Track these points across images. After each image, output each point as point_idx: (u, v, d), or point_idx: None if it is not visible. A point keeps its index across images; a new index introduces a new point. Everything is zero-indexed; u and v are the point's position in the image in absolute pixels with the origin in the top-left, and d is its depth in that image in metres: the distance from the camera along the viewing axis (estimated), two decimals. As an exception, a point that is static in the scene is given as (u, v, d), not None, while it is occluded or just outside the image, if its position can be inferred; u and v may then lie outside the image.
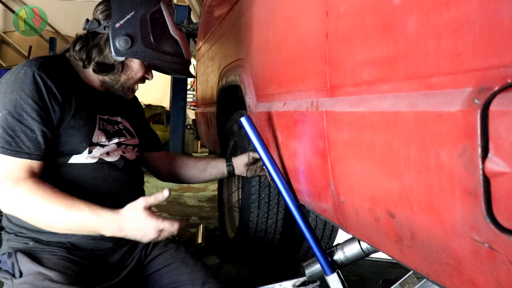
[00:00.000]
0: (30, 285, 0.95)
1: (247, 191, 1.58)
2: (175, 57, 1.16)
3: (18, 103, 0.98)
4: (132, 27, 1.09)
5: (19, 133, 0.98)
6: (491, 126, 0.43)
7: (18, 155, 0.97)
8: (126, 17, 1.09)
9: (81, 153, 1.08)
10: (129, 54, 1.10)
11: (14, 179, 0.97)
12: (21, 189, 0.96)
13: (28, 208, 0.97)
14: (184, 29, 4.80)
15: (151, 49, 1.11)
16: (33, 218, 0.98)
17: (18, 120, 0.98)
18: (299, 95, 1.00)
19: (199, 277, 1.13)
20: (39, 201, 0.95)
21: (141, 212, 0.97)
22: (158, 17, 1.13)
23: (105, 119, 1.17)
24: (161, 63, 1.14)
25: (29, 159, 0.98)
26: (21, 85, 1.00)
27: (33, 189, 0.96)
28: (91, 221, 0.96)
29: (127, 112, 1.29)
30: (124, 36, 1.08)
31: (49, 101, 1.02)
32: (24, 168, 0.98)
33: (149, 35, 1.10)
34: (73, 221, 0.96)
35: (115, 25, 1.09)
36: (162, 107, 7.74)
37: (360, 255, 1.06)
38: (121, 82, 1.17)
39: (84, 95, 1.13)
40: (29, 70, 1.02)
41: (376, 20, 0.66)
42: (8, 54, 8.44)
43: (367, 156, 0.69)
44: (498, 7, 0.43)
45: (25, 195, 0.96)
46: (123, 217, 0.97)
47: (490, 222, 0.44)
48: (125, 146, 1.21)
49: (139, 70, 1.17)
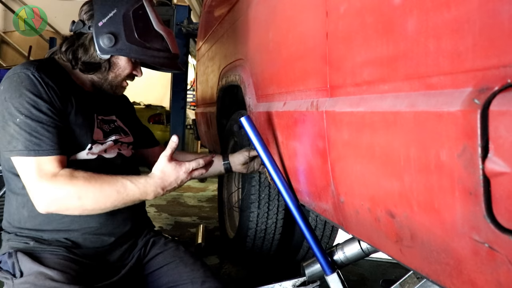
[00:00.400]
0: (31, 285, 0.95)
1: (247, 191, 1.58)
2: (162, 52, 1.16)
3: (31, 105, 1.00)
4: (115, 25, 1.10)
5: (45, 132, 1.00)
6: (491, 126, 0.43)
7: (50, 153, 1.00)
8: (108, 15, 1.10)
9: (82, 150, 1.09)
10: (113, 51, 1.11)
11: (50, 175, 0.99)
12: (61, 181, 0.99)
13: (74, 196, 0.99)
14: (184, 29, 4.81)
15: (135, 45, 1.11)
16: (80, 204, 1.00)
17: (39, 121, 1.00)
18: (299, 95, 1.00)
19: (198, 276, 1.13)
20: (82, 186, 0.99)
21: (169, 165, 1.05)
22: (141, 13, 1.14)
23: (101, 119, 1.19)
24: (147, 58, 1.14)
25: (59, 154, 1.02)
26: (27, 87, 1.01)
27: (72, 178, 0.99)
28: (135, 190, 1.02)
29: (120, 111, 1.30)
30: (108, 34, 1.09)
31: (54, 100, 1.04)
32: (56, 163, 1.01)
33: (133, 31, 1.11)
34: (119, 195, 1.01)
35: (98, 23, 1.10)
36: (162, 107, 7.73)
37: (360, 255, 1.06)
38: (109, 80, 1.18)
39: (79, 95, 1.14)
40: (29, 72, 1.03)
41: (376, 20, 0.66)
42: (8, 54, 8.44)
43: (367, 156, 0.69)
44: (498, 7, 0.43)
45: (67, 185, 0.99)
46: (159, 177, 1.04)
47: (490, 222, 0.44)
48: (121, 143, 1.23)
49: (126, 67, 1.18)
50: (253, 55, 1.41)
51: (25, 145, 0.98)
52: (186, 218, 2.96)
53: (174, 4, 5.25)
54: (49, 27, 8.43)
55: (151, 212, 3.00)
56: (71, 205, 0.99)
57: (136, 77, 1.23)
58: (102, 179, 1.01)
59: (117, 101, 1.33)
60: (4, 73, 2.92)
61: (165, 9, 5.12)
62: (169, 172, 1.04)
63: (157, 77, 9.03)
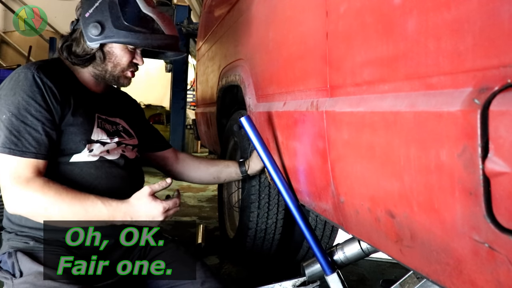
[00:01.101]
0: (31, 285, 0.95)
1: (247, 191, 1.58)
2: (154, 34, 1.14)
3: (22, 105, 1.01)
4: (101, 13, 1.11)
5: (25, 133, 1.01)
6: (491, 126, 0.43)
7: (24, 155, 1.00)
8: (94, 5, 1.11)
9: (81, 152, 1.09)
10: (101, 39, 1.11)
11: (23, 180, 0.99)
12: (32, 189, 0.99)
13: (41, 206, 0.99)
14: (184, 29, 4.81)
15: (123, 30, 1.10)
16: (46, 215, 1.00)
17: (23, 122, 1.01)
18: (299, 95, 1.00)
19: (198, 276, 1.13)
20: (52, 198, 0.99)
21: (147, 198, 1.05)
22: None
23: (103, 119, 1.19)
24: (138, 41, 1.12)
25: (35, 158, 1.01)
26: (22, 87, 1.03)
27: (44, 187, 1.00)
28: (104, 212, 1.02)
29: (126, 114, 1.31)
30: (94, 23, 1.10)
31: (50, 100, 1.04)
32: (31, 168, 1.01)
33: (119, 17, 1.10)
34: (87, 213, 1.01)
35: (85, 15, 1.11)
36: (162, 107, 7.74)
37: (360, 255, 1.06)
38: (109, 71, 1.17)
39: (82, 95, 1.14)
40: (29, 72, 1.04)
41: (376, 20, 0.66)
42: (8, 54, 8.44)
43: (367, 156, 0.69)
44: (498, 7, 0.43)
45: (37, 194, 0.99)
46: (131, 205, 1.05)
47: (490, 222, 0.44)
48: (125, 145, 1.22)
49: (123, 55, 1.16)
50: (253, 55, 1.41)
51: (2, 142, 0.99)
52: (186, 218, 2.96)
53: (174, 4, 5.25)
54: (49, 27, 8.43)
55: (151, 212, 2.99)
56: (36, 214, 1.01)
57: (138, 65, 1.22)
58: (74, 195, 1.01)
59: (125, 103, 1.34)
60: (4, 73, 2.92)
61: (165, 9, 5.12)
62: (144, 206, 1.05)
63: (157, 77, 9.04)
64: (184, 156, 1.52)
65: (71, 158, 1.08)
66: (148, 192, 1.06)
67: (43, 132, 1.02)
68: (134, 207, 1.05)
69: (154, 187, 1.06)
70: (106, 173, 1.12)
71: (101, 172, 1.12)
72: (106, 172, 1.13)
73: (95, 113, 1.16)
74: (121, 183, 1.16)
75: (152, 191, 1.06)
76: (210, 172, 1.48)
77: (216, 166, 1.50)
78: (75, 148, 1.08)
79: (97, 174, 1.11)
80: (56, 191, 1.00)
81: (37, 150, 1.01)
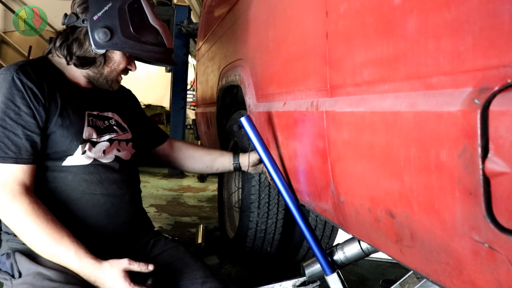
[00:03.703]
0: (29, 285, 0.95)
1: (247, 191, 1.58)
2: (157, 47, 1.14)
3: (0, 109, 0.99)
4: (110, 19, 1.08)
5: (3, 138, 0.98)
6: (491, 126, 0.43)
7: (3, 160, 0.98)
8: (103, 8, 1.08)
9: (73, 154, 1.07)
10: (109, 46, 1.09)
11: (10, 192, 0.98)
12: (17, 207, 0.97)
13: (20, 227, 0.98)
14: (184, 29, 4.81)
15: (131, 40, 1.09)
16: (20, 236, 1.00)
17: (1, 125, 0.98)
18: (299, 95, 1.00)
19: (198, 276, 1.13)
20: (30, 225, 0.97)
21: (120, 272, 0.97)
22: (136, 7, 1.12)
23: (94, 115, 1.16)
24: (142, 53, 1.13)
25: (15, 163, 0.99)
26: (1, 90, 1.00)
27: (28, 210, 0.97)
28: (71, 263, 0.98)
29: (119, 107, 1.28)
30: (103, 29, 1.07)
31: (31, 102, 1.01)
32: (15, 179, 0.99)
33: (128, 26, 1.09)
34: (55, 256, 0.98)
35: (93, 17, 1.07)
36: (162, 107, 7.73)
37: (360, 255, 1.06)
38: (105, 75, 1.16)
39: (70, 93, 1.12)
40: (8, 73, 1.01)
41: (376, 20, 0.66)
42: (8, 54, 8.43)
43: (367, 156, 0.69)
44: (498, 7, 0.43)
45: (19, 215, 0.97)
46: (101, 270, 0.98)
47: (490, 222, 0.44)
48: (118, 142, 1.20)
49: (121, 62, 1.16)
50: (253, 55, 1.41)
51: None
52: (186, 218, 2.96)
53: (174, 4, 5.24)
54: (49, 27, 8.43)
55: (151, 212, 3.00)
56: (15, 231, 1.00)
57: (130, 71, 1.22)
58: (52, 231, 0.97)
59: (118, 96, 1.30)
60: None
61: (165, 9, 5.11)
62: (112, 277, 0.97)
63: (157, 77, 9.03)
64: (179, 144, 1.50)
65: (64, 161, 1.07)
66: (124, 266, 0.98)
67: (23, 136, 0.99)
68: (102, 273, 0.97)
69: (133, 266, 0.98)
70: (100, 179, 1.11)
71: (95, 178, 1.10)
72: (100, 178, 1.11)
73: (85, 111, 1.13)
74: (117, 188, 1.14)
75: (128, 268, 0.98)
76: (204, 160, 1.48)
77: (211, 155, 1.49)
78: (67, 150, 1.06)
79: (91, 179, 1.09)
80: (37, 219, 0.97)
81: (16, 155, 0.98)
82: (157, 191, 3.92)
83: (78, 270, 0.98)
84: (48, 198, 1.04)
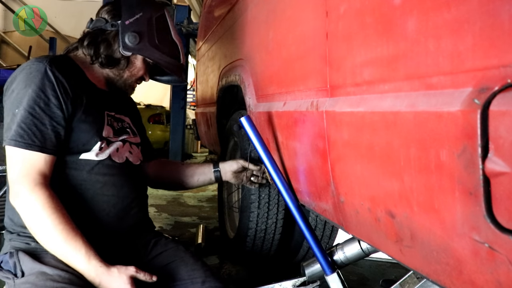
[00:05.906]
0: (32, 285, 0.95)
1: (247, 191, 1.58)
2: (173, 59, 1.25)
3: (31, 97, 1.01)
4: (140, 26, 1.19)
5: (31, 126, 1.01)
6: (491, 126, 0.43)
7: (29, 147, 1.00)
8: (135, 16, 1.19)
9: (90, 150, 1.10)
10: (136, 50, 1.18)
11: (32, 181, 0.99)
12: (35, 198, 0.98)
13: (34, 220, 0.99)
14: (184, 29, 4.81)
15: (155, 48, 1.20)
16: (32, 229, 1.00)
17: (30, 114, 1.01)
18: (299, 95, 1.00)
19: (198, 275, 1.13)
20: (45, 219, 0.98)
21: (127, 279, 0.98)
22: (162, 21, 1.24)
23: (112, 116, 1.21)
24: (162, 62, 1.22)
25: (40, 151, 1.01)
26: (34, 79, 1.03)
27: (45, 204, 0.98)
28: (80, 263, 0.98)
29: (130, 112, 1.33)
30: (133, 33, 1.17)
31: (61, 95, 1.05)
32: (38, 168, 1.01)
33: (154, 35, 1.20)
34: (64, 254, 0.99)
35: (125, 22, 1.18)
36: (162, 107, 7.73)
37: (360, 255, 1.06)
38: (124, 78, 1.24)
39: (92, 92, 1.16)
40: (41, 65, 1.05)
41: (376, 20, 0.66)
42: (8, 54, 8.44)
43: (367, 156, 0.69)
44: (498, 7, 0.43)
45: (36, 207, 0.98)
46: (108, 274, 0.98)
47: (490, 222, 0.44)
48: (130, 144, 1.23)
49: (141, 69, 1.25)
50: (253, 55, 1.41)
51: (11, 135, 1.00)
52: (186, 218, 2.96)
53: (174, 4, 5.25)
54: (49, 27, 8.43)
55: (151, 212, 3.00)
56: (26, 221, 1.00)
57: (143, 81, 1.30)
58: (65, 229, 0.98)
59: (129, 102, 1.37)
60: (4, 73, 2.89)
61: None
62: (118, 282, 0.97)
63: (157, 77, 9.03)
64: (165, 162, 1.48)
65: (80, 156, 1.09)
66: (131, 274, 0.99)
67: (50, 126, 1.02)
68: (109, 277, 0.98)
69: (139, 275, 1.00)
70: (113, 181, 1.14)
71: (109, 180, 1.13)
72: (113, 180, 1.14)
73: (104, 111, 1.18)
74: (127, 190, 1.17)
75: (134, 275, 0.99)
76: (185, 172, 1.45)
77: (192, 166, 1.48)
78: (85, 144, 1.09)
79: (104, 181, 1.12)
80: (52, 214, 0.98)
81: (42, 144, 1.01)
82: (157, 191, 3.92)
83: (84, 271, 0.98)
84: (61, 196, 1.05)
